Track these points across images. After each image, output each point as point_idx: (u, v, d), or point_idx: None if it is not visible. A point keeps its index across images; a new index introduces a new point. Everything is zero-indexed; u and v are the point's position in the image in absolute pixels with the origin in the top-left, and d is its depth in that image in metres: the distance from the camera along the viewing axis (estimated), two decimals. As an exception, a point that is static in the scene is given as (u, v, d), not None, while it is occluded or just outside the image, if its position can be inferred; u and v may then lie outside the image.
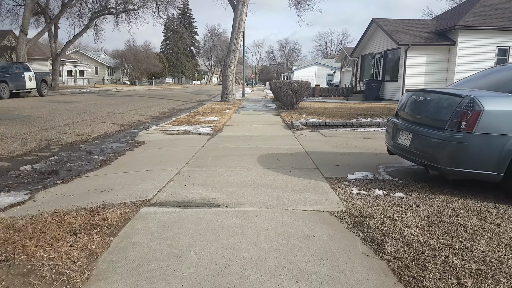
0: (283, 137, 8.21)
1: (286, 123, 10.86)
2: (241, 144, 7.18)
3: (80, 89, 34.59)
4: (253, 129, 9.60)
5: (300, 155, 6.12)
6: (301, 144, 7.17)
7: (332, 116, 12.64)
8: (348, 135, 8.51)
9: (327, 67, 53.66)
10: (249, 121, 11.52)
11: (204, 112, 14.06)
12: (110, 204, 3.57)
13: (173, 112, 15.22)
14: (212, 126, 9.83)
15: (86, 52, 62.70)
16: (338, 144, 7.23)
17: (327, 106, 16.87)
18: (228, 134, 8.65)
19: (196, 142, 7.44)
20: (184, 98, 25.39)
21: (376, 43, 21.68)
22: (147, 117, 12.75)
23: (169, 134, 8.45)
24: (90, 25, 30.71)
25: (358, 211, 3.42)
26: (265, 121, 11.53)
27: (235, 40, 19.78)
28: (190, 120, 11.06)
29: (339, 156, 6.05)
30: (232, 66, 19.96)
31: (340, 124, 10.19)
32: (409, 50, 18.08)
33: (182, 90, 43.20)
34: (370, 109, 15.56)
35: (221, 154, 6.19)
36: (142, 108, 15.75)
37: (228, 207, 3.48)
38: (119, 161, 5.95)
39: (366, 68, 23.64)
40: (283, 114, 13.15)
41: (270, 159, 5.77)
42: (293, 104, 15.26)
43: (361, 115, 13.24)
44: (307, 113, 13.79)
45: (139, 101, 19.89)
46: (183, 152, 6.39)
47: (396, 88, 19.13)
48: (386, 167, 5.31)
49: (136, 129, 10.02)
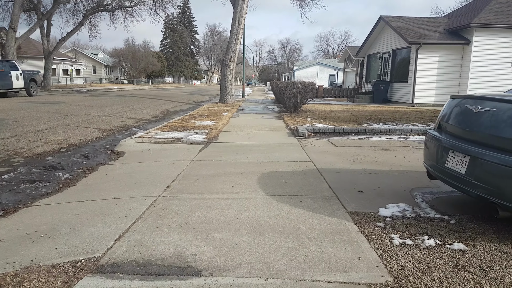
0: (287, 147, 7.04)
1: (290, 129, 9.70)
2: (238, 157, 6.00)
3: (74, 89, 33.42)
4: (252, 136, 8.43)
5: (311, 174, 4.94)
6: (310, 158, 5.99)
7: (340, 120, 11.48)
8: (363, 145, 7.34)
9: (330, 67, 52.46)
10: (249, 126, 10.35)
11: (200, 115, 12.90)
12: (39, 266, 2.39)
13: (167, 114, 14.05)
14: (206, 132, 8.67)
15: (83, 50, 61.51)
16: (354, 158, 6.06)
17: (333, 109, 15.70)
18: (224, 143, 7.48)
19: (185, 154, 6.27)
20: (181, 99, 24.22)
21: (384, 42, 20.50)
22: (136, 121, 11.58)
23: (156, 143, 7.27)
24: (84, 22, 29.53)
25: (413, 284, 2.24)
26: (266, 126, 10.37)
27: (235, 38, 18.61)
28: (183, 125, 9.90)
29: (360, 176, 4.87)
30: (231, 65, 18.78)
31: (352, 131, 9.01)
32: (420, 49, 16.90)
33: (180, 90, 42.03)
34: (380, 112, 14.39)
35: (213, 172, 5.01)
36: (133, 110, 14.57)
37: (213, 275, 2.30)
38: (86, 182, 4.78)
39: (373, 68, 22.46)
40: (286, 118, 11.99)
41: (274, 180, 4.59)
42: (296, 107, 14.09)
43: (371, 119, 12.09)
44: (312, 116, 12.63)
45: (132, 102, 18.71)
46: (167, 168, 5.22)
47: (405, 89, 17.94)
48: (423, 195, 4.14)
49: (121, 135, 8.85)
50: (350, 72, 37.53)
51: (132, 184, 4.47)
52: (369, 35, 21.81)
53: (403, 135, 8.84)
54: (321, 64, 54.85)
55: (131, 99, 21.19)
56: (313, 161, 5.77)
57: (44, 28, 28.50)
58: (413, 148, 7.12)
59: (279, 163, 5.57)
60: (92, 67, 60.18)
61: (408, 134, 8.98)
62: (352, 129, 9.03)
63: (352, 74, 36.46)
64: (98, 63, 60.83)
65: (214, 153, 6.41)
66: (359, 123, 10.94)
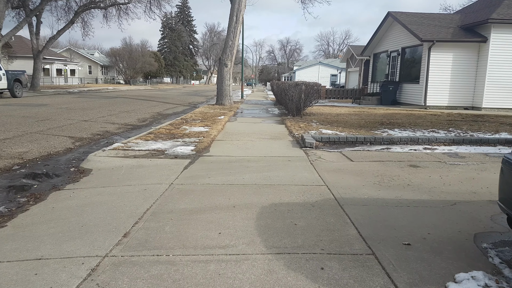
0: (293, 162, 5.73)
1: (294, 136, 8.40)
2: (231, 179, 4.70)
3: (67, 89, 32.11)
4: (250, 146, 7.12)
5: (329, 207, 3.64)
6: (324, 180, 4.69)
7: (349, 126, 10.19)
8: (385, 160, 6.03)
9: (331, 67, 51.17)
10: (247, 132, 9.05)
11: (193, 119, 11.60)
12: None
13: (157, 118, 12.75)
14: (197, 141, 7.36)
15: (78, 50, 60.14)
16: (380, 179, 4.76)
17: (339, 112, 14.41)
18: (216, 156, 6.17)
19: (165, 173, 4.96)
20: (176, 100, 22.92)
21: (392, 40, 19.20)
22: (120, 126, 10.26)
23: (132, 157, 5.96)
24: (75, 20, 28.18)
25: None
26: (266, 133, 9.06)
27: (232, 35, 17.30)
28: (171, 132, 8.60)
29: (396, 212, 3.57)
30: (228, 64, 17.47)
31: (366, 140, 7.70)
32: (433, 47, 15.60)
33: (177, 91, 40.73)
34: (392, 116, 13.10)
35: (195, 205, 3.71)
36: (119, 114, 13.26)
37: None
38: (20, 220, 3.47)
39: (380, 68, 21.16)
40: (288, 123, 10.69)
41: (279, 220, 3.29)
42: (299, 110, 12.80)
43: (383, 124, 10.80)
44: (317, 121, 11.33)
45: (122, 104, 17.40)
46: (135, 198, 3.91)
47: (417, 91, 16.64)
48: (497, 248, 2.83)
49: (97, 145, 7.54)
50: (353, 72, 36.28)
51: (78, 228, 3.15)
52: (375, 33, 20.51)
53: (427, 145, 7.54)
54: (323, 64, 53.55)
55: (122, 100, 19.88)
56: (328, 184, 4.47)
57: (33, 26, 27.17)
58: (446, 164, 5.82)
59: (284, 189, 4.27)
60: (88, 67, 58.83)
61: (433, 144, 7.68)
62: (367, 138, 7.72)
63: (355, 74, 35.21)
64: (94, 63, 59.47)
65: (201, 171, 5.10)
66: (371, 129, 9.66)
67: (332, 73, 48.11)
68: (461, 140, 7.78)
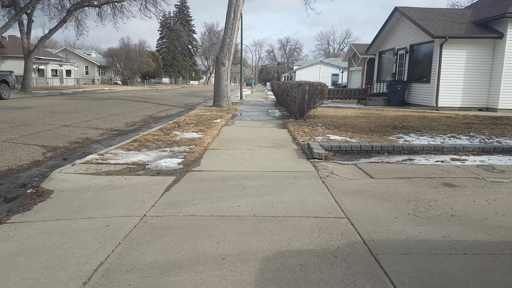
0: (300, 180, 4.69)
1: (299, 144, 7.36)
2: (223, 208, 3.65)
3: (60, 90, 31.10)
4: (249, 157, 6.09)
5: (358, 262, 2.59)
6: (343, 208, 3.65)
7: (359, 130, 9.16)
8: (412, 176, 4.98)
9: (333, 66, 50.12)
10: (245, 139, 8.01)
11: (186, 122, 10.57)
12: None
13: (147, 122, 11.71)
14: (187, 151, 6.33)
15: (75, 50, 59.09)
16: (414, 207, 3.71)
17: (346, 114, 13.36)
18: (207, 172, 5.12)
19: (139, 199, 3.92)
20: (172, 101, 21.88)
21: (399, 37, 18.15)
22: (103, 132, 9.22)
23: (104, 174, 4.91)
24: (68, 18, 27.14)
25: None
26: (267, 139, 8.02)
27: (230, 32, 16.26)
28: (159, 139, 7.56)
29: (452, 266, 2.52)
30: (226, 63, 16.43)
31: (384, 148, 6.65)
32: (445, 44, 14.55)
33: (175, 91, 39.72)
34: (403, 118, 12.06)
35: (169, 256, 2.66)
36: (107, 117, 12.22)
37: None
38: None
39: (386, 67, 20.11)
40: (291, 127, 9.67)
41: (288, 285, 2.25)
42: (303, 112, 11.76)
43: (396, 128, 9.78)
44: (322, 124, 10.30)
45: (113, 106, 16.36)
46: (89, 242, 2.87)
47: (427, 91, 15.59)
48: None
49: (71, 156, 6.50)
50: (355, 71, 35.25)
51: (-12, 303, 2.11)
52: (381, 30, 19.46)
53: (454, 155, 6.50)
54: (324, 63, 52.49)
55: (113, 102, 18.83)
56: (349, 216, 3.42)
57: (24, 25, 26.13)
58: (486, 181, 4.77)
59: (292, 224, 3.22)
60: (85, 68, 57.80)
61: (460, 153, 6.63)
62: (384, 146, 6.67)
63: (357, 73, 34.19)
64: (91, 64, 58.43)
65: (186, 195, 4.06)
66: (384, 134, 8.63)
67: (334, 73, 47.06)
68: (491, 149, 6.74)
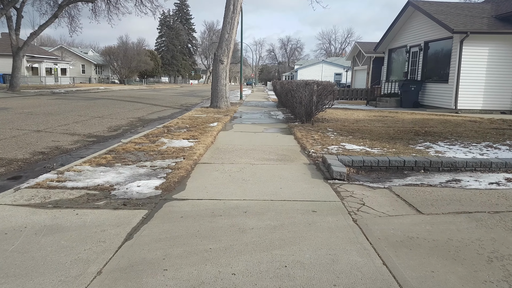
0: (322, 218, 3.34)
1: (310, 155, 6.03)
2: (207, 278, 2.30)
3: (52, 90, 29.78)
4: (250, 176, 4.74)
5: None
6: (396, 278, 2.30)
7: (377, 137, 7.83)
8: (472, 209, 3.63)
9: (336, 65, 48.76)
10: (245, 148, 6.67)
11: (179, 126, 9.26)
12: None
13: (134, 125, 10.37)
14: (172, 168, 4.99)
15: (71, 48, 57.70)
16: (505, 274, 2.37)
17: (357, 117, 12.02)
18: (191, 203, 3.77)
19: (83, 257, 2.57)
20: (167, 102, 20.54)
21: (412, 33, 16.79)
22: (79, 139, 7.87)
23: (51, 206, 3.55)
24: (59, 13, 25.78)
25: None
26: (271, 148, 6.68)
27: (229, 27, 14.91)
28: (141, 149, 6.23)
29: None
30: (225, 61, 15.09)
31: (419, 164, 5.28)
32: (466, 40, 13.20)
33: (173, 91, 38.38)
34: (423, 122, 10.72)
35: None
36: (89, 120, 10.89)
37: None
38: None
39: (396, 66, 18.76)
40: (298, 133, 8.34)
41: None
42: (310, 115, 10.42)
43: (418, 134, 8.46)
44: (333, 129, 8.97)
45: (101, 107, 15.02)
46: None
47: (445, 91, 14.23)
48: None
49: (27, 172, 5.17)
50: (359, 70, 33.90)
51: None
52: (391, 26, 18.10)
53: (505, 173, 5.15)
54: (326, 62, 51.12)
55: (103, 102, 17.49)
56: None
57: (12, 20, 24.79)
58: None
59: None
60: (81, 66, 56.42)
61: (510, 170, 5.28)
62: (419, 161, 5.32)
63: (362, 72, 32.84)
64: (87, 62, 57.04)
65: (155, 249, 2.71)
66: (408, 141, 7.32)
67: (336, 72, 45.71)
68: (552, 164, 5.40)
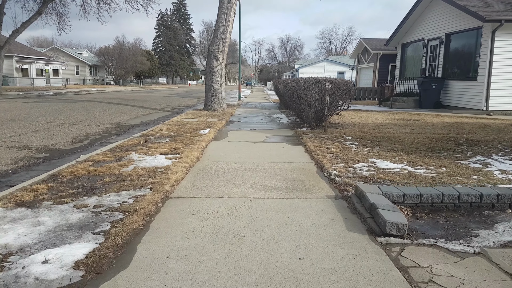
0: None
1: (334, 182, 4.24)
2: None
3: (41, 91, 27.99)
4: (245, 227, 2.92)
5: None
6: None
7: (410, 147, 6.07)
8: None
9: (338, 64, 46.93)
10: (241, 169, 4.85)
11: (161, 135, 7.47)
12: None
13: (108, 134, 8.55)
14: (126, 210, 3.19)
15: (64, 48, 55.85)
16: None
17: (376, 121, 10.19)
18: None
19: None
20: (158, 104, 18.72)
21: (431, 25, 14.96)
22: (25, 155, 6.05)
23: None
24: (43, 10, 23.95)
25: None
26: (277, 169, 4.85)
27: (225, 18, 13.10)
28: (97, 171, 4.43)
29: None
30: (220, 57, 13.27)
31: (503, 198, 3.47)
32: (499, 30, 11.39)
33: (168, 92, 36.57)
34: (457, 127, 8.90)
35: None
36: (55, 128, 9.07)
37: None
38: None
39: (411, 62, 16.92)
40: (309, 143, 6.55)
41: None
42: (321, 119, 8.61)
43: (460, 144, 6.70)
44: (352, 137, 7.17)
45: (78, 111, 13.20)
46: None
47: (473, 90, 12.40)
48: None
49: None
50: (365, 68, 32.08)
51: None
52: (406, 18, 16.27)
53: None
54: (328, 61, 49.29)
55: (85, 105, 15.67)
56: None
57: (-8, 17, 22.97)
58: None
59: None
60: (75, 67, 54.56)
61: None
62: (503, 195, 3.50)
63: (368, 71, 31.02)
64: (81, 63, 55.18)
65: None
66: (454, 155, 5.58)
67: (339, 71, 43.88)
68: None
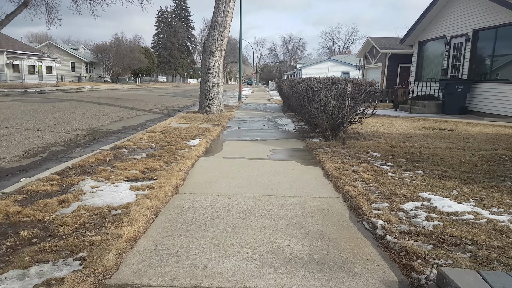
0: None
1: (387, 246, 2.61)
2: None
3: (28, 89, 26.39)
4: None
5: None
6: None
7: (463, 172, 4.49)
8: None
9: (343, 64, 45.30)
10: (236, 210, 3.23)
11: (138, 147, 5.89)
12: None
13: (74, 144, 6.92)
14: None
15: (59, 44, 54.17)
16: None
17: (402, 130, 8.56)
18: None
19: None
20: (150, 104, 17.10)
21: (454, 20, 13.35)
22: None
23: None
24: (29, 1, 22.36)
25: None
26: (291, 211, 3.23)
27: (223, 9, 11.48)
28: (12, 219, 2.80)
29: None
30: (217, 53, 11.65)
31: None
32: (542, 24, 9.79)
33: (165, 90, 34.95)
34: (502, 140, 7.27)
35: None
36: (11, 136, 7.47)
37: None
38: None
39: (429, 61, 15.30)
40: (328, 164, 4.96)
41: None
42: (338, 128, 7.01)
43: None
44: (381, 154, 5.59)
45: (53, 113, 11.58)
46: None
47: (506, 94, 10.77)
48: None
49: None
50: (372, 68, 30.49)
51: None
52: (424, 13, 14.64)
53: None
54: (333, 60, 47.65)
55: (65, 105, 14.04)
56: None
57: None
58: None
59: None
60: (71, 64, 52.93)
61: None
62: None
63: (375, 71, 29.42)
64: (77, 59, 53.55)
65: None
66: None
67: (344, 71, 42.23)
68: None
